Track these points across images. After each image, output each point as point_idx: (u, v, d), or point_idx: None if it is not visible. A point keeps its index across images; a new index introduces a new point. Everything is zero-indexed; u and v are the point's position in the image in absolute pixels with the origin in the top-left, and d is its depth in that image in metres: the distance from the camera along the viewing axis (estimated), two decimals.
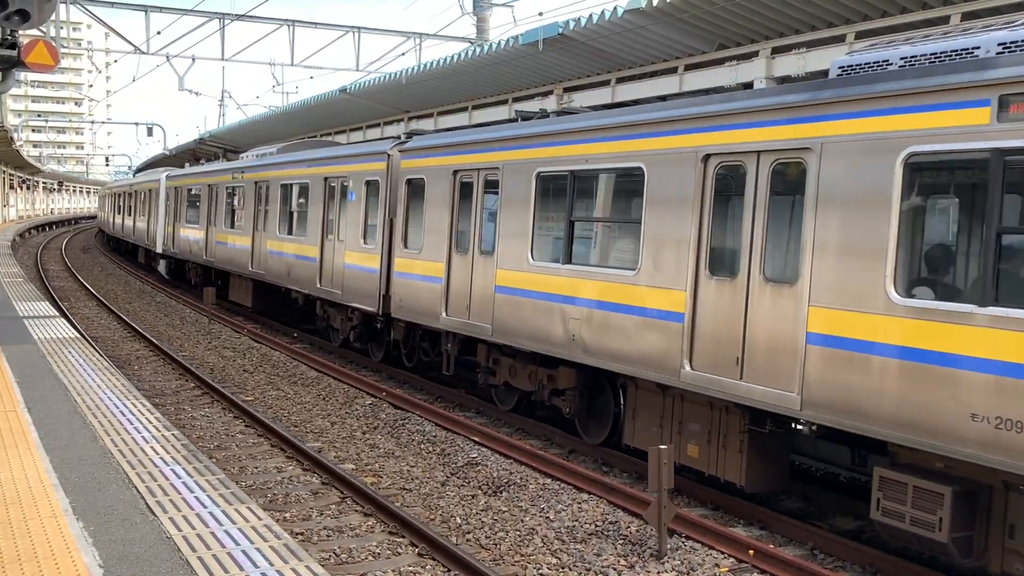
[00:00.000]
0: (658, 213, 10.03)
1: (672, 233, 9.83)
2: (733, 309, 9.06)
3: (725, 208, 9.55)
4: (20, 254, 43.04)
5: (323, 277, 18.80)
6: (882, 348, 7.61)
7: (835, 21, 13.13)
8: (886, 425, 7.56)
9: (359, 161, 17.52)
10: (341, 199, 18.19)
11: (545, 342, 11.74)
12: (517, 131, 12.66)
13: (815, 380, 8.13)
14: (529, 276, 12.13)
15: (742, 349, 8.92)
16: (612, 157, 10.85)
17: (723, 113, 9.32)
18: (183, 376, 16.52)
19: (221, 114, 62.35)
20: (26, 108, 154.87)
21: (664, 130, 10.07)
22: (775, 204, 8.93)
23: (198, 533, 5.93)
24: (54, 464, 7.27)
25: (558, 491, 10.12)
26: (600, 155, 11.01)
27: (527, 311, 12.11)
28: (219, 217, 26.82)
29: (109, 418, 8.95)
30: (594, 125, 11.18)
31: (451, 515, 9.46)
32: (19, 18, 10.98)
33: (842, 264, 7.99)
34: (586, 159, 11.21)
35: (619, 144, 10.70)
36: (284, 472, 10.86)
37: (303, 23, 29.59)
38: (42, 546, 5.55)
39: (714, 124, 9.42)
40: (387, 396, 14.85)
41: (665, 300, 9.86)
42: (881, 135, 7.74)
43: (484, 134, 13.72)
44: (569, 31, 16.79)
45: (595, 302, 10.91)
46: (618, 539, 8.80)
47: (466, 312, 13.55)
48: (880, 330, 7.63)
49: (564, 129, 11.69)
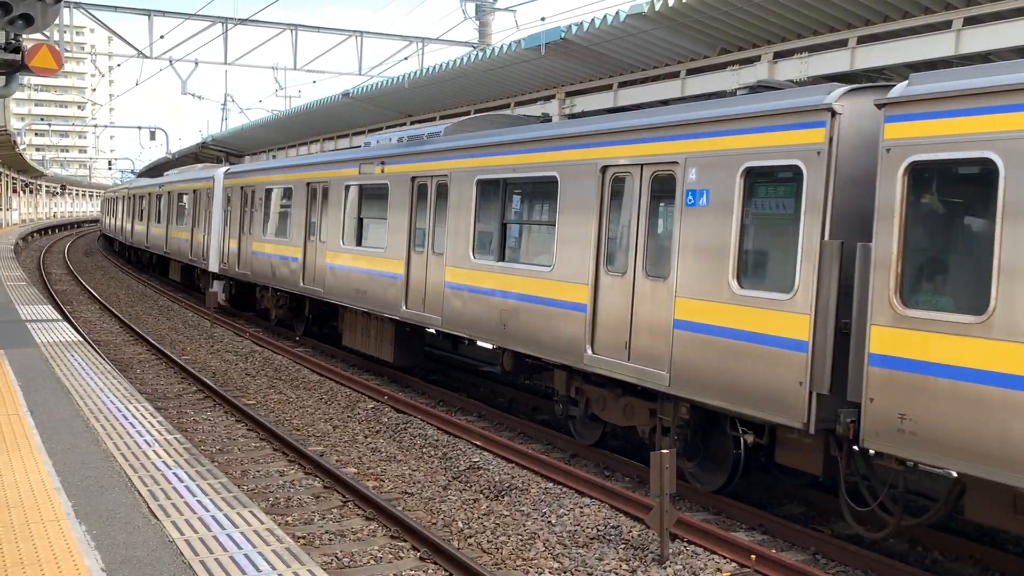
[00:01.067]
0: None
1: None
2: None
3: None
4: (23, 257, 43.10)
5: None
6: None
7: (837, 26, 13.13)
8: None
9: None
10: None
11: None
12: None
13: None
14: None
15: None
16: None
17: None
18: (185, 380, 16.53)
19: (224, 118, 62.48)
20: (29, 112, 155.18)
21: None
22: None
23: (200, 537, 5.93)
24: (56, 467, 7.28)
25: (560, 495, 10.11)
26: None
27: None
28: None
29: (111, 421, 8.96)
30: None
31: (453, 519, 9.46)
32: (23, 22, 11.00)
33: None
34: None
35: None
36: (286, 476, 10.86)
37: (306, 27, 29.62)
38: (44, 550, 5.56)
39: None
40: (389, 400, 14.85)
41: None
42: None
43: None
44: (571, 35, 16.80)
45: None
46: (620, 544, 8.79)
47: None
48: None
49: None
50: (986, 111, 6.91)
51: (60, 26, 25.98)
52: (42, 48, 12.01)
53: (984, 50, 11.15)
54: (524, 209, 13.27)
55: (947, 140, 7.14)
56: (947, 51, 11.52)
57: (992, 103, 6.87)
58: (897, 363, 7.33)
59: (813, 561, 8.62)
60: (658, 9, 14.47)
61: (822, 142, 8.17)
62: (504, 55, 19.21)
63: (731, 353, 8.97)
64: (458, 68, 21.24)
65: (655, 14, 14.63)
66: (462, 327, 13.61)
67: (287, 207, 21.14)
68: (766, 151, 8.75)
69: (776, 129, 8.68)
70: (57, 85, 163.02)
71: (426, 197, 14.86)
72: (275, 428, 12.59)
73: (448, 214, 14.06)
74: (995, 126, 6.83)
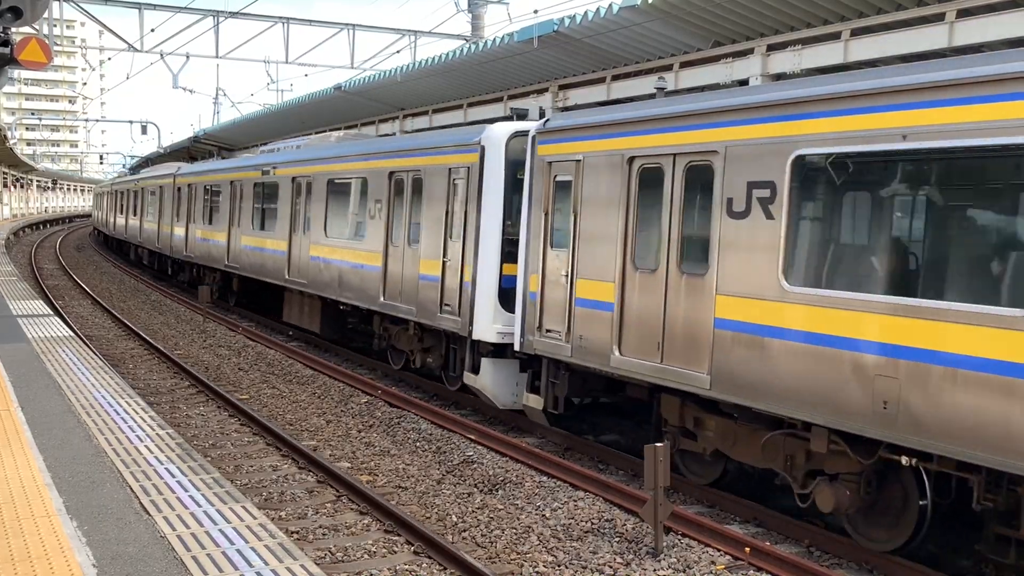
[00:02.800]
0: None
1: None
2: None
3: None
4: (14, 252, 42.94)
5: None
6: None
7: (831, 18, 13.11)
8: None
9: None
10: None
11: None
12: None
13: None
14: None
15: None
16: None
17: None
18: (178, 374, 16.47)
19: (215, 112, 62.31)
20: (20, 106, 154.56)
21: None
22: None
23: (192, 532, 5.90)
24: (47, 463, 7.24)
25: (554, 489, 10.10)
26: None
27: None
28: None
29: (103, 417, 8.92)
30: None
31: (447, 513, 9.44)
32: (12, 15, 10.94)
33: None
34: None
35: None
36: (279, 471, 10.83)
37: (297, 20, 29.52)
38: (35, 546, 5.52)
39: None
40: (382, 394, 14.82)
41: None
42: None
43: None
44: (564, 28, 16.76)
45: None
46: (614, 537, 8.78)
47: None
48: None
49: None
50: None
51: (50, 19, 25.83)
52: (31, 41, 11.94)
53: (977, 42, 11.14)
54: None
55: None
56: (940, 43, 11.50)
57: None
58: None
59: (807, 554, 8.62)
60: (651, 2, 14.44)
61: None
62: (497, 48, 19.16)
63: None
64: (451, 62, 21.18)
65: (648, 6, 14.60)
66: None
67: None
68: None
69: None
70: (47, 79, 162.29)
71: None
72: (268, 423, 12.55)
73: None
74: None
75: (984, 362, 6.77)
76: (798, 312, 8.18)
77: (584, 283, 10.92)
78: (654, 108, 10.28)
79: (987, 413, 6.74)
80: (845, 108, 7.92)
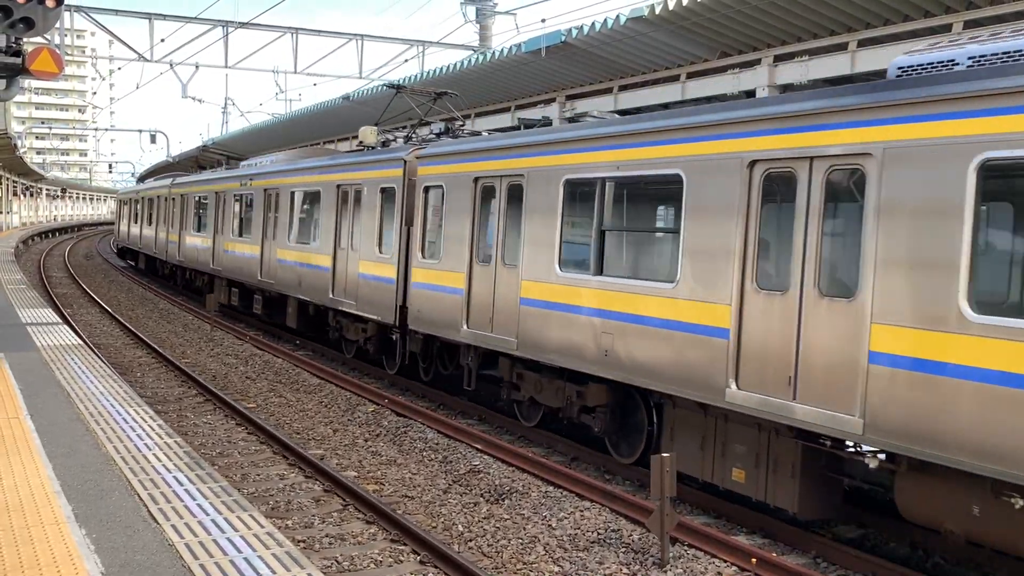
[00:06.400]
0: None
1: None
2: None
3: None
4: (23, 261, 43.10)
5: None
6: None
7: (837, 29, 13.14)
8: None
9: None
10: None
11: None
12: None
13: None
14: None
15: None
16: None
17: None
18: (185, 383, 16.52)
19: (224, 121, 62.54)
20: (30, 115, 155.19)
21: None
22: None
23: (200, 540, 5.92)
24: (56, 471, 7.27)
25: (560, 499, 10.10)
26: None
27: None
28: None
29: (111, 425, 8.95)
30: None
31: (453, 523, 9.44)
32: (24, 26, 11.01)
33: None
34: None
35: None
36: (286, 479, 10.85)
37: (306, 31, 29.66)
38: (44, 553, 5.55)
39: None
40: (389, 404, 14.84)
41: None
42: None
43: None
44: (572, 39, 16.82)
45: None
46: (620, 547, 8.78)
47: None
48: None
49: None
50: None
51: (61, 29, 25.98)
52: (43, 51, 12.01)
53: None
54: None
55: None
56: None
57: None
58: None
59: (814, 565, 8.61)
60: (658, 12, 14.49)
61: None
62: (504, 58, 19.23)
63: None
64: (458, 72, 21.27)
65: (655, 17, 14.65)
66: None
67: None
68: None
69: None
70: (58, 88, 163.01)
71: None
72: (275, 431, 12.58)
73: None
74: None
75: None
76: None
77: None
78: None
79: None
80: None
